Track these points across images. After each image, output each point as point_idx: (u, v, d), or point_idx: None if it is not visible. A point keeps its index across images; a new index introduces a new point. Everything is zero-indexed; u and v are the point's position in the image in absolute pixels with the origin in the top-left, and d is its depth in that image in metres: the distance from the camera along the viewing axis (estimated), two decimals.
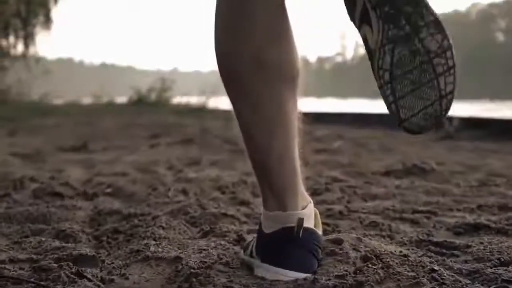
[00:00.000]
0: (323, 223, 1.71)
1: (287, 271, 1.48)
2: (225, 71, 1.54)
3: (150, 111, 14.36)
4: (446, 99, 1.44)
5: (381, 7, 1.44)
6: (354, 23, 1.51)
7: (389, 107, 1.46)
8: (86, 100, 20.26)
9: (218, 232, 1.90)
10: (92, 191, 2.74)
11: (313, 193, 2.71)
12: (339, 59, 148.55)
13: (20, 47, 20.23)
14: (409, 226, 2.09)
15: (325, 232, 1.76)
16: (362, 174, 3.40)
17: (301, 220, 1.50)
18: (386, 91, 1.46)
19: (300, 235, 1.50)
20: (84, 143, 5.63)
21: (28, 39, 20.37)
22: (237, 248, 1.73)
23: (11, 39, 20.15)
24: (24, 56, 19.93)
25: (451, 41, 1.43)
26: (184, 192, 2.71)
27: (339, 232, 1.92)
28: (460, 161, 4.34)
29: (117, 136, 7.28)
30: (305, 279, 1.43)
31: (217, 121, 10.12)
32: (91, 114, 13.51)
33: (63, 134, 7.68)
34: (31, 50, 20.30)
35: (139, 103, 17.17)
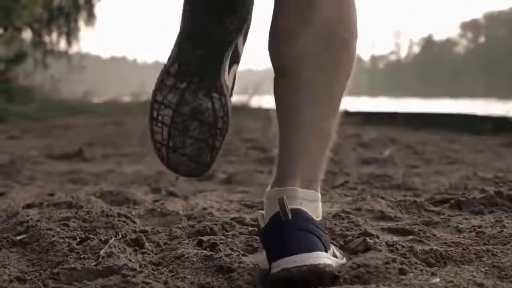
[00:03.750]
0: None
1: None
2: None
3: None
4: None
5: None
6: None
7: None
8: (127, 99, 19.53)
9: None
10: None
11: (344, 247, 1.67)
12: (392, 57, 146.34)
13: (63, 44, 19.63)
14: None
15: None
16: (421, 204, 2.30)
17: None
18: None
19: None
20: (79, 150, 4.66)
21: (71, 35, 19.72)
22: None
23: (54, 35, 19.57)
24: (66, 53, 19.31)
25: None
26: (136, 244, 1.66)
27: None
28: None
29: (133, 139, 6.31)
30: None
31: (256, 121, 9.13)
32: (124, 113, 12.63)
33: (75, 137, 6.76)
34: (74, 47, 19.72)
35: None
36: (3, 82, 12.42)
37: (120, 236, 1.68)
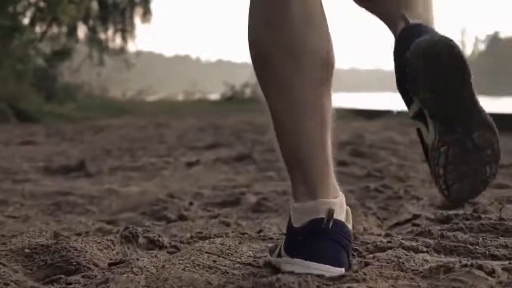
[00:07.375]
0: None
1: (317, 264, 1.40)
2: (258, 58, 1.52)
3: (240, 109, 12.55)
4: (489, 180, 1.49)
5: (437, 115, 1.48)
6: (407, 107, 1.54)
7: (441, 191, 1.50)
8: (180, 97, 19.01)
9: None
10: None
11: None
12: None
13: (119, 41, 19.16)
14: None
15: None
16: None
17: (331, 211, 1.42)
18: (439, 180, 1.49)
19: (330, 226, 1.42)
20: (81, 162, 3.81)
21: (126, 32, 19.27)
22: None
23: (110, 32, 19.10)
24: (122, 50, 18.82)
25: (497, 134, 1.50)
26: None
27: None
28: None
29: (161, 146, 5.47)
30: None
31: None
32: (173, 113, 11.88)
33: (100, 142, 5.95)
34: (130, 44, 19.32)
35: (232, 100, 15.53)
36: (43, 80, 11.75)
37: None
